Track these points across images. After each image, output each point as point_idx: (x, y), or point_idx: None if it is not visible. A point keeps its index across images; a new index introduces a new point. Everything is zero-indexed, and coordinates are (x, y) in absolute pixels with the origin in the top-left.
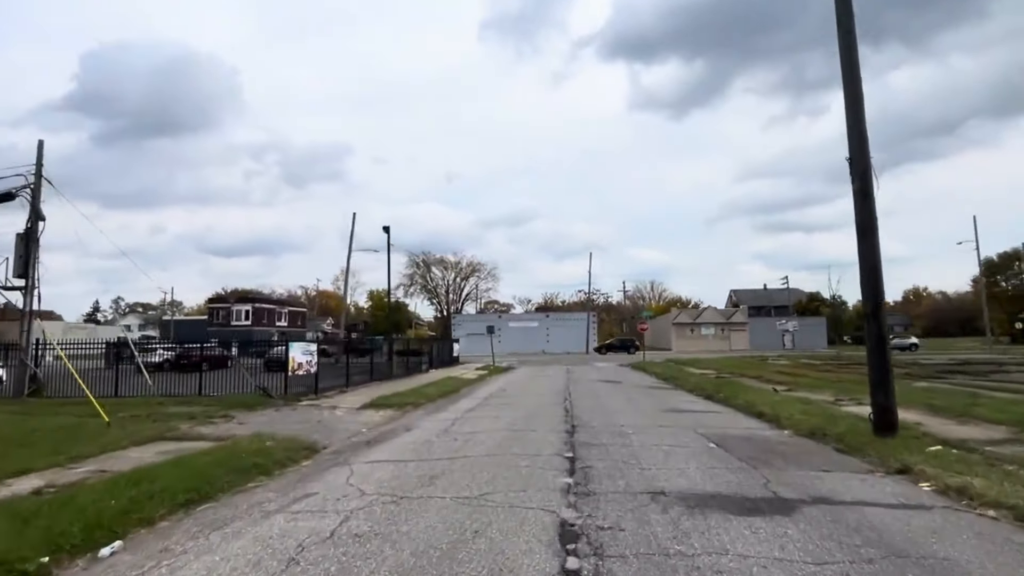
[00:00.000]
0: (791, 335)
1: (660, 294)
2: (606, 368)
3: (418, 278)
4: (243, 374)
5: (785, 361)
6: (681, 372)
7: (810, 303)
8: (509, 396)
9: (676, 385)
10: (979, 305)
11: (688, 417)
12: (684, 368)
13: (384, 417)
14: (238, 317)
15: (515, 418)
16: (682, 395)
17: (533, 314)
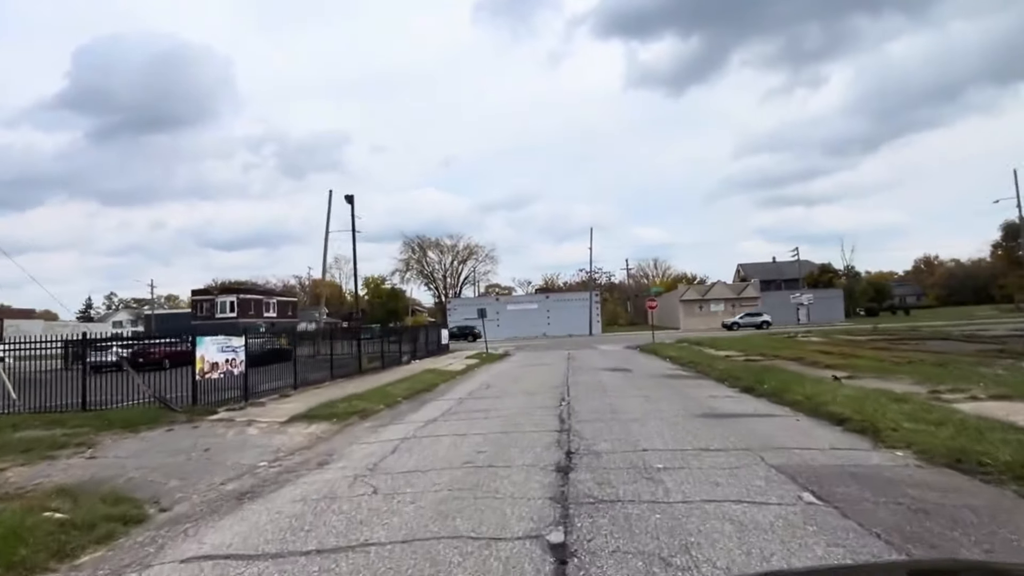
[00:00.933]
0: (806, 309)
1: (664, 271)
2: (612, 352)
3: (414, 263)
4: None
5: (819, 338)
6: (700, 355)
7: (822, 275)
8: (491, 396)
9: (699, 372)
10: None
11: (738, 428)
12: (703, 350)
13: (310, 437)
14: (223, 309)
15: (487, 436)
16: (713, 387)
17: (532, 295)
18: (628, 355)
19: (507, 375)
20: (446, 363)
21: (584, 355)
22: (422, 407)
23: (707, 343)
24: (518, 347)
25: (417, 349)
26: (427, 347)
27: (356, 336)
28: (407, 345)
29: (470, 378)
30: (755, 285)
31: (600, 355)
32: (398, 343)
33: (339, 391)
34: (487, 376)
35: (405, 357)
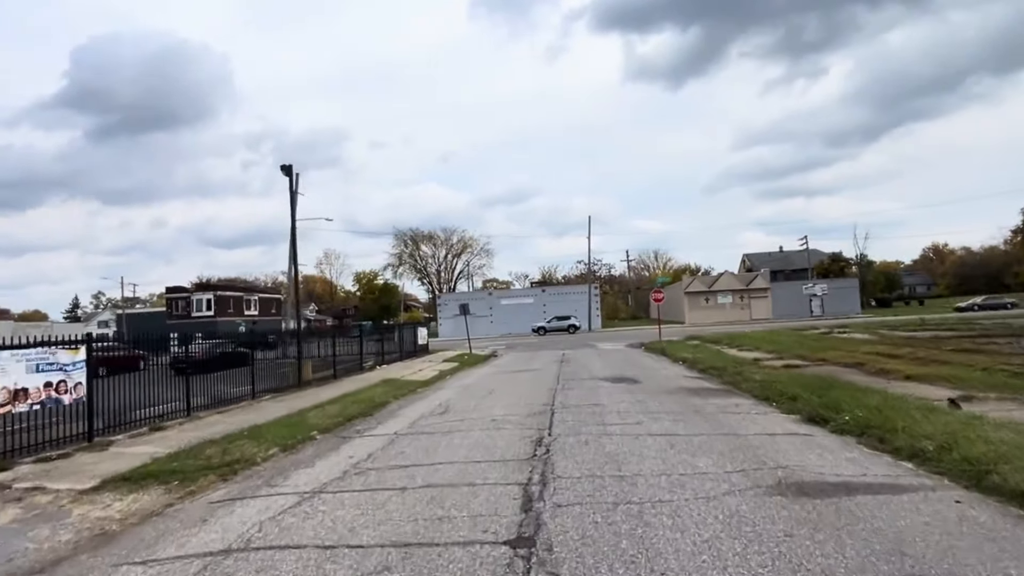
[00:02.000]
0: (820, 300)
1: (665, 263)
2: (613, 353)
3: (406, 257)
4: None
5: (861, 334)
6: (722, 357)
7: (833, 264)
8: (440, 431)
9: (729, 384)
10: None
11: (873, 540)
12: (722, 350)
13: (90, 529)
14: (199, 307)
15: (364, 556)
16: (760, 413)
17: (528, 289)
18: (632, 356)
19: (479, 388)
20: (415, 369)
21: (581, 356)
22: (328, 455)
23: (724, 340)
24: (509, 346)
25: (388, 351)
26: (403, 348)
27: (298, 340)
28: (374, 346)
29: (431, 393)
30: (764, 275)
31: (599, 356)
32: (361, 345)
33: (244, 418)
34: (452, 391)
35: (369, 362)
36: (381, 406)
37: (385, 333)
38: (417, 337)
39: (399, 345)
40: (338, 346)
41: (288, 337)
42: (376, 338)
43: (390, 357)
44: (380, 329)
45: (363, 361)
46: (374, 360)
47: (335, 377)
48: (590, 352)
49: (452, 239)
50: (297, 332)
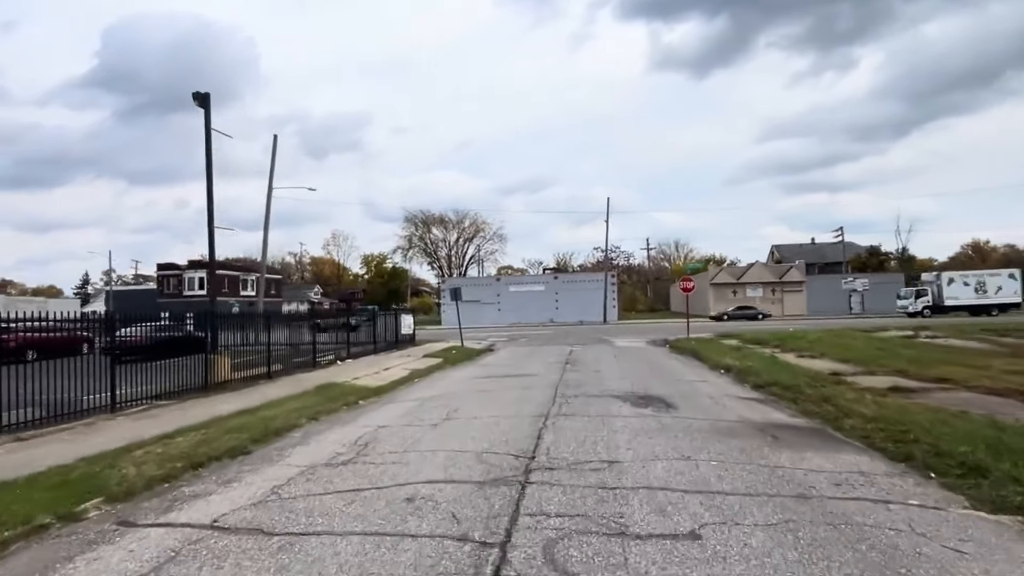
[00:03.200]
0: (860, 296)
1: (686, 255)
2: (632, 352)
3: (416, 240)
4: None
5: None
6: (780, 367)
7: (871, 258)
8: (289, 528)
9: (818, 419)
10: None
11: None
12: (775, 356)
13: None
14: (191, 286)
15: None
16: (939, 511)
17: (539, 276)
18: (656, 358)
19: (438, 408)
20: (382, 368)
21: (592, 356)
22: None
23: (769, 340)
24: (511, 338)
25: (362, 341)
26: (378, 339)
27: (211, 329)
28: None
29: (368, 412)
30: (800, 268)
31: (615, 357)
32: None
33: (68, 449)
34: (398, 411)
35: (328, 356)
36: (265, 440)
37: (360, 320)
38: (399, 325)
39: (384, 334)
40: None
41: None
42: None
43: (360, 349)
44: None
45: (317, 355)
46: (336, 354)
47: (270, 376)
48: (604, 350)
49: (464, 222)
50: (209, 318)
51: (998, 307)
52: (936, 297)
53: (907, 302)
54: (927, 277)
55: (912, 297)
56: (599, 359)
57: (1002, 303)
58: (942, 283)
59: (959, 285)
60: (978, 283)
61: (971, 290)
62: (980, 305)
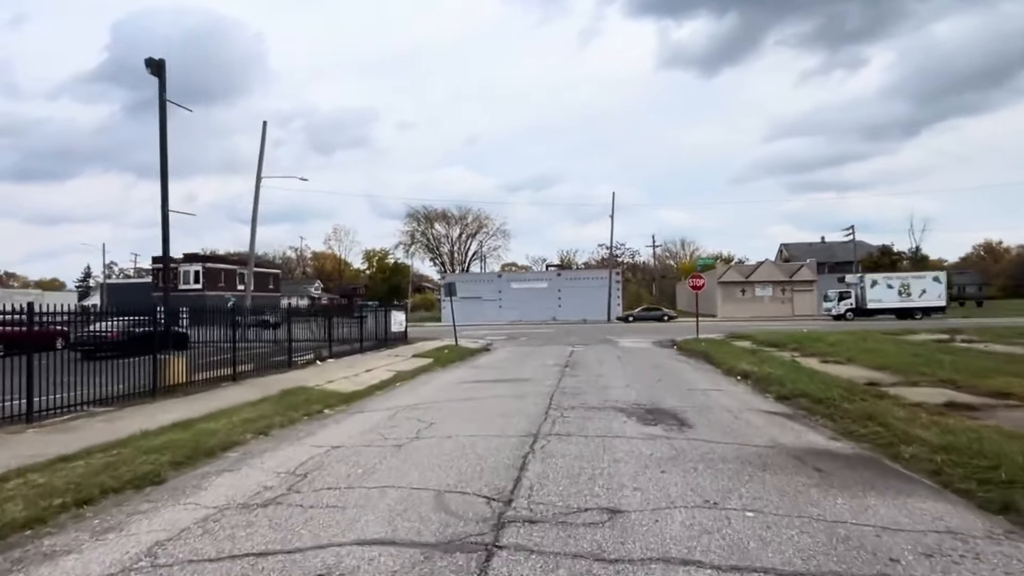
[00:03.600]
0: None
1: (691, 253)
2: (638, 353)
3: (419, 235)
4: None
5: (1003, 346)
6: (806, 375)
7: (882, 257)
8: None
9: (867, 444)
10: None
11: None
12: (796, 361)
13: None
14: (187, 279)
15: None
16: None
17: (542, 272)
18: (665, 361)
19: (411, 422)
20: (366, 369)
21: (594, 357)
22: None
23: (786, 343)
24: (510, 336)
25: (347, 339)
26: (375, 335)
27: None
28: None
29: (327, 426)
30: (811, 267)
31: (619, 359)
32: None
33: None
34: (366, 423)
35: (308, 355)
36: (192, 463)
37: (345, 317)
38: (389, 323)
39: (373, 332)
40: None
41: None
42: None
43: (346, 348)
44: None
45: (293, 355)
46: (315, 353)
47: (235, 379)
48: (607, 351)
49: (467, 218)
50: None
51: (922, 310)
52: (859, 300)
53: (831, 304)
54: (851, 279)
55: (836, 299)
56: (602, 361)
57: (926, 306)
58: (865, 285)
59: (882, 287)
60: (902, 285)
61: (895, 293)
62: (904, 308)
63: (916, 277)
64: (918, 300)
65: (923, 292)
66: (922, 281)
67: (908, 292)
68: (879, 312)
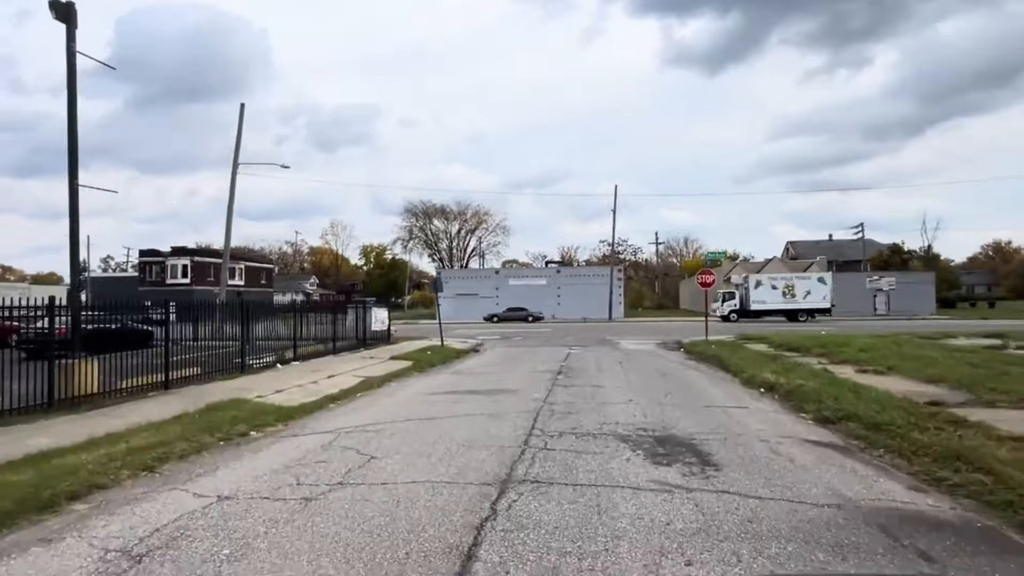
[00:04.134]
0: (886, 297)
1: (695, 251)
2: (641, 356)
3: (417, 231)
4: None
5: None
6: (856, 392)
7: (893, 256)
8: None
9: (980, 503)
10: None
11: None
12: (830, 372)
13: None
14: (174, 273)
15: None
16: None
17: (541, 269)
18: (672, 367)
19: (356, 450)
20: (329, 373)
21: (593, 361)
22: None
23: (810, 347)
24: (504, 336)
25: (318, 338)
26: (356, 335)
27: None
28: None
29: (249, 455)
30: (820, 264)
31: (621, 364)
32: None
33: None
34: (302, 448)
35: (269, 357)
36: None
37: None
38: (370, 320)
39: (353, 329)
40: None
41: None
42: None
43: (316, 349)
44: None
45: (252, 357)
46: (278, 356)
47: (167, 386)
48: (607, 354)
49: (466, 213)
50: (73, 304)
51: (807, 312)
52: (744, 301)
53: (716, 305)
54: (736, 279)
55: (721, 300)
56: (601, 367)
57: (811, 308)
58: (749, 286)
59: (767, 288)
60: (787, 286)
61: (779, 294)
62: (789, 310)
63: (800, 278)
64: (803, 301)
65: (807, 293)
66: (806, 282)
67: (792, 293)
68: (764, 313)
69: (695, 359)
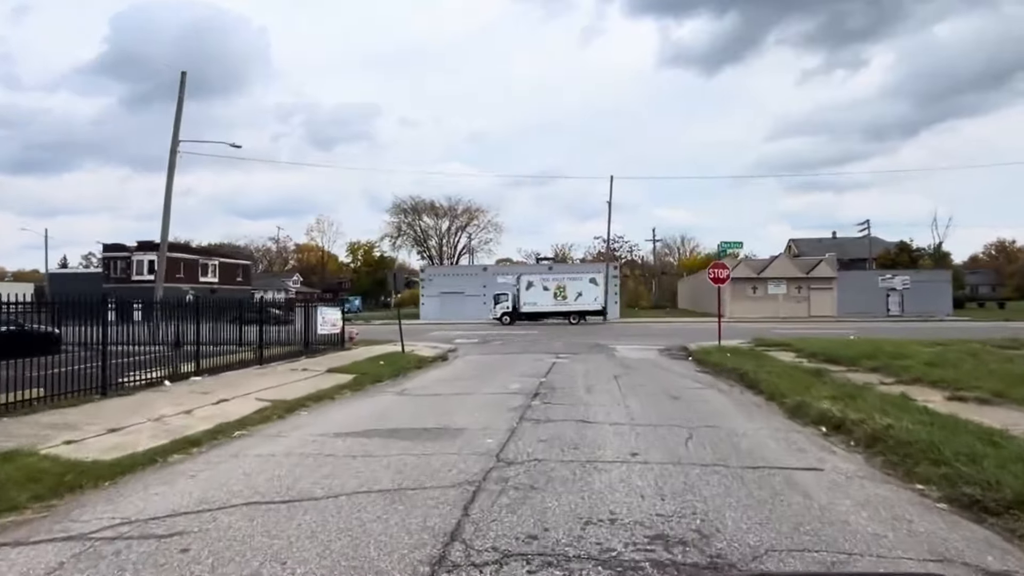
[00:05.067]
0: (899, 295)
1: (691, 250)
2: (642, 371)
3: (405, 227)
4: None
5: None
6: (989, 441)
7: (901, 254)
8: None
9: None
10: None
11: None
12: (909, 398)
13: None
14: (140, 269)
15: None
16: None
17: (532, 265)
18: (686, 386)
19: None
20: (223, 397)
21: (582, 377)
22: None
23: (845, 356)
24: (484, 339)
25: (251, 345)
26: (304, 339)
27: None
28: (204, 335)
29: None
30: (830, 262)
31: (617, 381)
32: (99, 334)
33: None
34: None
35: (153, 372)
36: None
37: (259, 315)
38: (315, 323)
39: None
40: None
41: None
42: (220, 322)
43: (230, 360)
44: (203, 305)
45: (134, 372)
46: (171, 369)
47: None
48: (601, 365)
49: (457, 209)
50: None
51: (578, 314)
52: (516, 302)
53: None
54: (507, 279)
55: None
56: (591, 385)
57: (582, 310)
58: (521, 287)
59: (538, 290)
60: (558, 288)
61: (550, 296)
62: (560, 312)
63: (572, 279)
64: (574, 303)
65: (579, 295)
66: (578, 283)
67: (564, 295)
68: (536, 316)
69: (710, 372)
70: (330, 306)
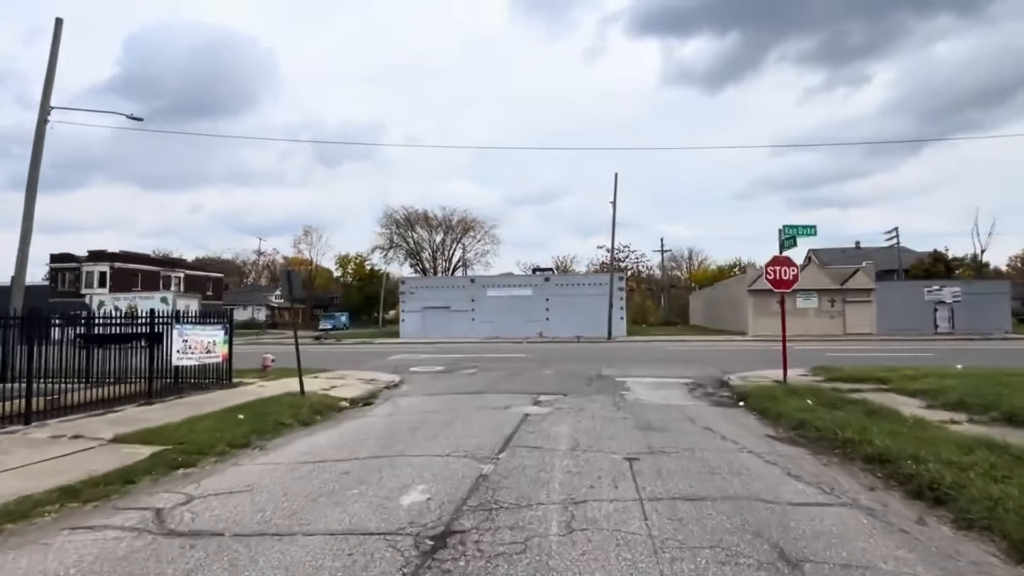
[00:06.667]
0: (948, 310)
1: (700, 263)
2: (675, 428)
3: (398, 239)
4: None
5: None
6: None
7: (935, 264)
8: None
9: None
10: None
11: None
12: None
13: None
14: (90, 282)
15: None
16: None
17: (528, 276)
18: (776, 486)
19: None
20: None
21: (564, 453)
22: None
23: (956, 394)
24: (451, 366)
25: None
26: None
27: None
28: None
29: None
30: (868, 271)
31: (632, 470)
32: None
33: None
34: None
35: None
36: None
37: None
38: (168, 349)
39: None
40: None
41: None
42: None
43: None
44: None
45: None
46: None
47: None
48: (604, 419)
49: (452, 219)
50: None
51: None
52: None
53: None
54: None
55: None
56: (577, 488)
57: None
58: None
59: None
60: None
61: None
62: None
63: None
64: None
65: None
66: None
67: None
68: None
69: (797, 441)
70: (208, 325)
